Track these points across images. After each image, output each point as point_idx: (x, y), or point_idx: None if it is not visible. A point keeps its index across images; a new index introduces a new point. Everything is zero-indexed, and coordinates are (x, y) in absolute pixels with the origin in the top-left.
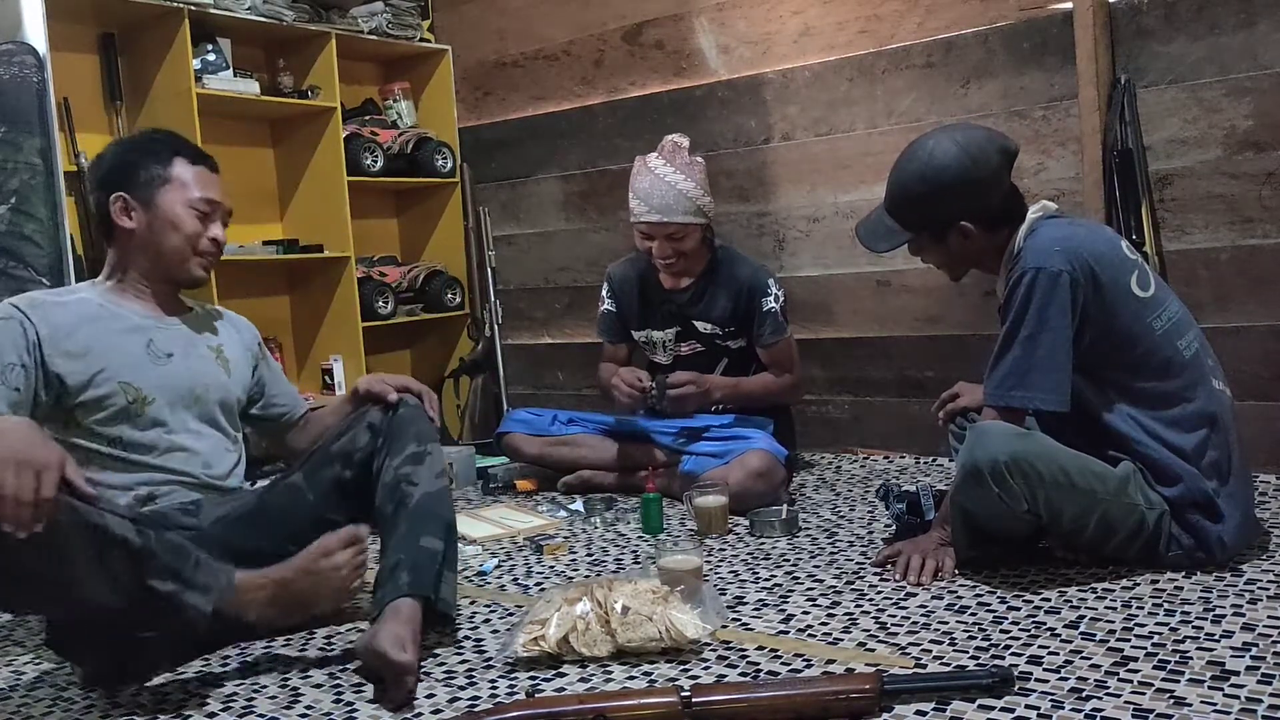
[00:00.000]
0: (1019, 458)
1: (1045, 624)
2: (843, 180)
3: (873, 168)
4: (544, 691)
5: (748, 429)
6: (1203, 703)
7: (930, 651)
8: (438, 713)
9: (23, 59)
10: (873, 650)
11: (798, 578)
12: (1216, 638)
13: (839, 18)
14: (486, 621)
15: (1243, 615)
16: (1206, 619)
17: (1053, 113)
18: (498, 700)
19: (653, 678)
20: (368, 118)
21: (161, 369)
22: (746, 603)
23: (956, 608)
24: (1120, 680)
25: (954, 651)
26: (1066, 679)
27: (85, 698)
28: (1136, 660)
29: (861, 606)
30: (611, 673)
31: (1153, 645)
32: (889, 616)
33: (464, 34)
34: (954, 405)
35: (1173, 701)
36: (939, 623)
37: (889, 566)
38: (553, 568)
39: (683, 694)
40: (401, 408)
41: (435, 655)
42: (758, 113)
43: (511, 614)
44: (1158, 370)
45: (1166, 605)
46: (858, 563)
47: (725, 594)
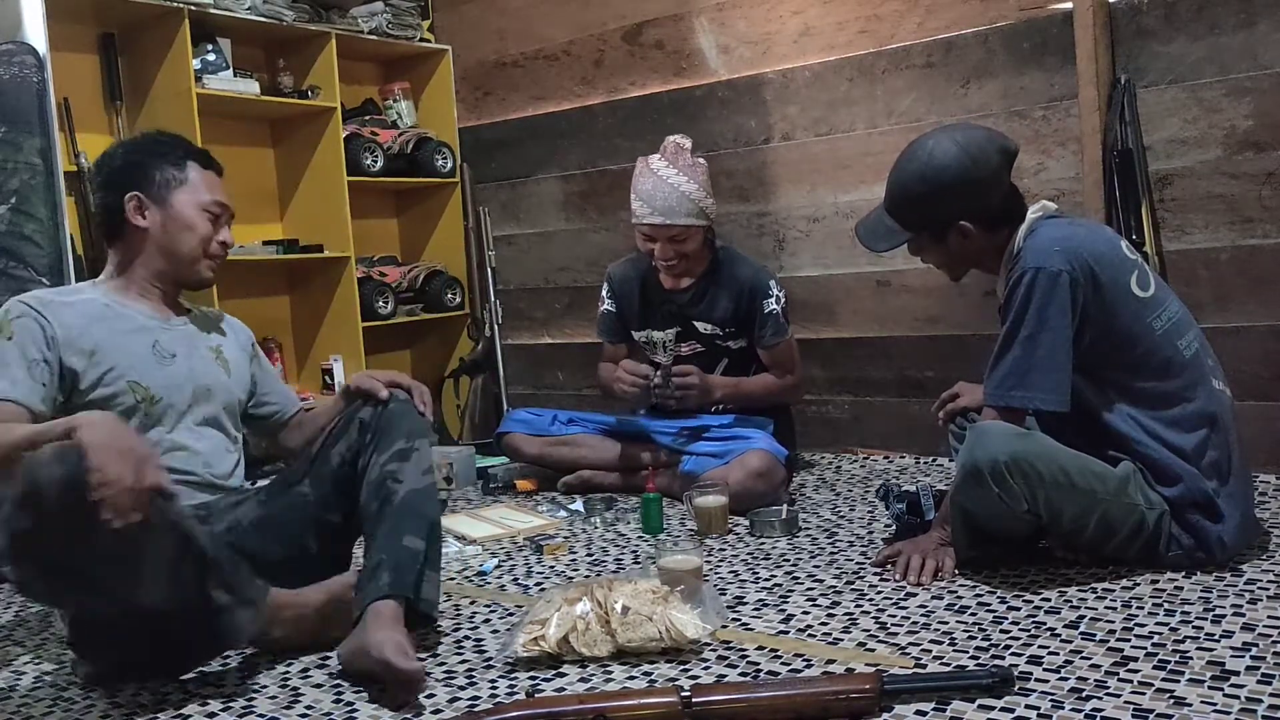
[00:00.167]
0: (1019, 458)
1: (1045, 624)
2: (843, 180)
3: (873, 168)
4: (544, 691)
5: (748, 429)
6: (1203, 703)
7: (930, 651)
8: (438, 713)
9: (23, 59)
10: (873, 650)
11: (798, 578)
12: (1216, 638)
13: (839, 18)
14: (486, 621)
15: (1243, 615)
16: (1206, 619)
17: (1053, 113)
18: (498, 700)
19: (653, 678)
20: (368, 118)
21: (167, 369)
22: (746, 603)
23: (956, 608)
24: (1120, 680)
25: (954, 651)
26: (1066, 679)
27: (85, 697)
28: (1136, 660)
29: (861, 606)
30: (611, 673)
31: (1153, 645)
32: (889, 616)
33: (464, 34)
34: (954, 405)
35: (1173, 701)
36: (939, 623)
37: (889, 566)
38: (553, 568)
39: (683, 694)
40: (392, 403)
41: (435, 655)
42: (758, 113)
43: (511, 614)
44: (1158, 370)
45: (1166, 605)
46: (858, 563)
47: (725, 594)
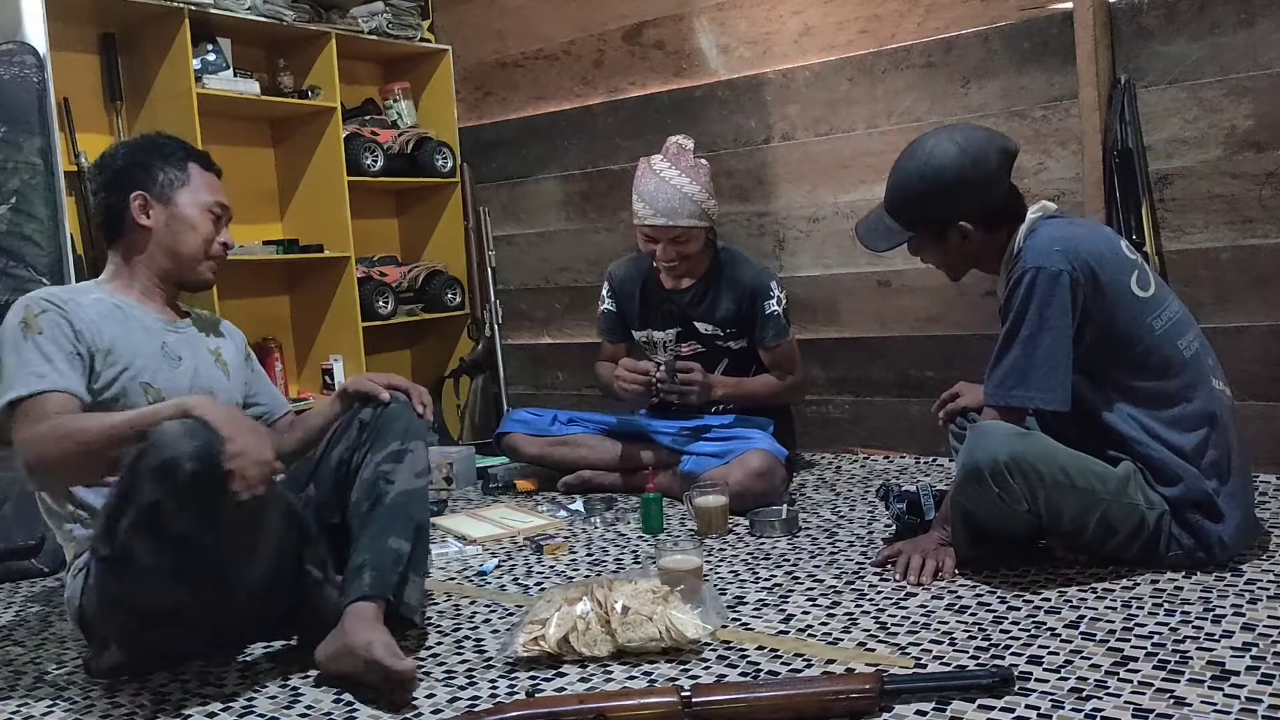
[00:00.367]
0: (1019, 458)
1: (1045, 624)
2: (843, 180)
3: (873, 168)
4: (544, 691)
5: (748, 429)
6: (1203, 703)
7: (930, 651)
8: (438, 713)
9: (23, 59)
10: (873, 650)
11: (798, 578)
12: (1216, 638)
13: (839, 18)
14: (486, 621)
15: (1243, 615)
16: (1206, 619)
17: (1053, 113)
18: (498, 700)
19: (653, 678)
20: (368, 118)
21: (174, 371)
22: (746, 603)
23: (956, 608)
24: (1120, 680)
25: (954, 651)
26: (1066, 679)
27: (85, 697)
28: (1136, 660)
29: (861, 606)
30: (611, 673)
31: (1153, 645)
32: (889, 616)
33: (464, 34)
34: (954, 405)
35: (1173, 701)
36: (939, 623)
37: (889, 566)
38: (553, 568)
39: (683, 694)
40: (392, 404)
41: (435, 655)
42: (758, 113)
43: (511, 614)
44: (1158, 370)
45: (1166, 605)
46: (858, 563)
47: (725, 594)
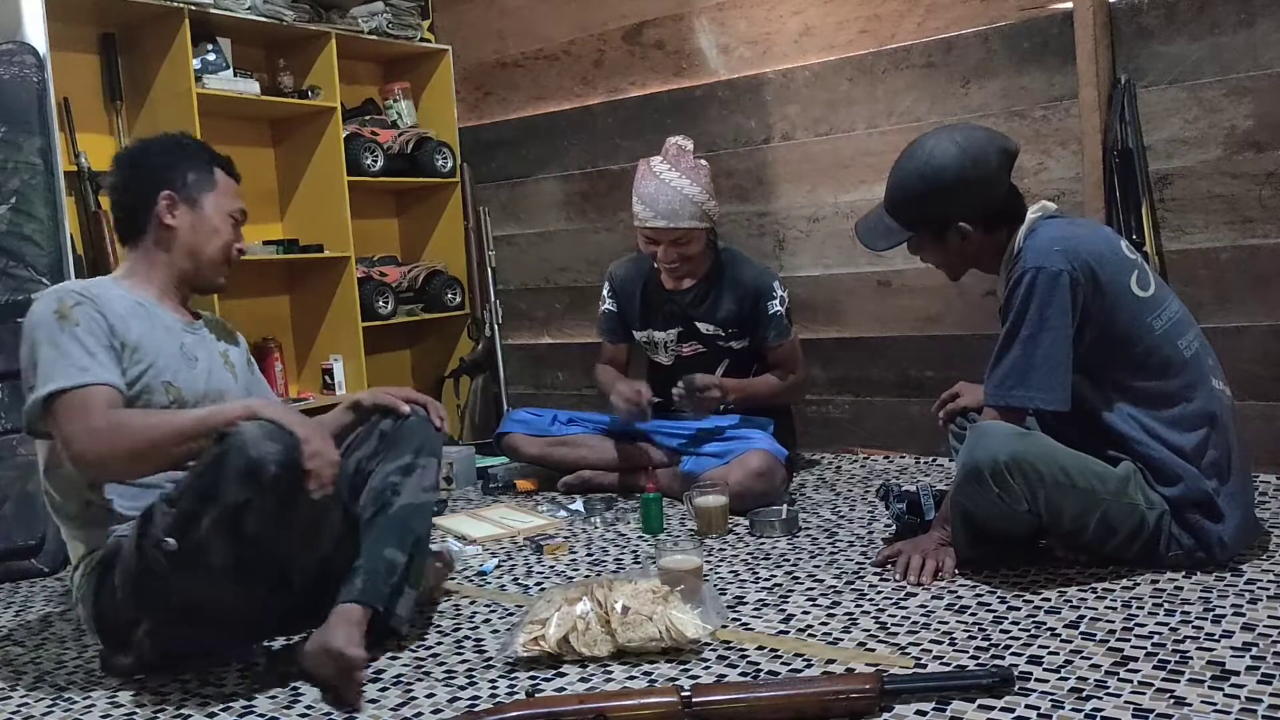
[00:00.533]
0: (1019, 458)
1: (1045, 624)
2: (843, 180)
3: (873, 168)
4: (544, 691)
5: (749, 429)
6: (1203, 703)
7: (930, 651)
8: (438, 713)
9: (23, 59)
10: (873, 650)
11: (798, 578)
12: (1216, 638)
13: (839, 18)
14: (486, 621)
15: (1243, 615)
16: (1206, 619)
17: (1053, 113)
18: (498, 700)
19: (653, 678)
20: (368, 118)
21: (192, 372)
22: (746, 603)
23: (956, 608)
24: (1120, 680)
25: (954, 651)
26: (1066, 679)
27: (85, 697)
28: (1136, 660)
29: (861, 606)
30: (611, 673)
31: (1153, 645)
32: (889, 616)
33: (464, 34)
34: (954, 405)
35: (1173, 701)
36: (939, 623)
37: (889, 566)
38: (553, 568)
39: (683, 694)
40: (411, 418)
41: (435, 655)
42: (758, 113)
43: (511, 614)
44: (1158, 370)
45: (1166, 605)
46: (858, 563)
47: (725, 594)
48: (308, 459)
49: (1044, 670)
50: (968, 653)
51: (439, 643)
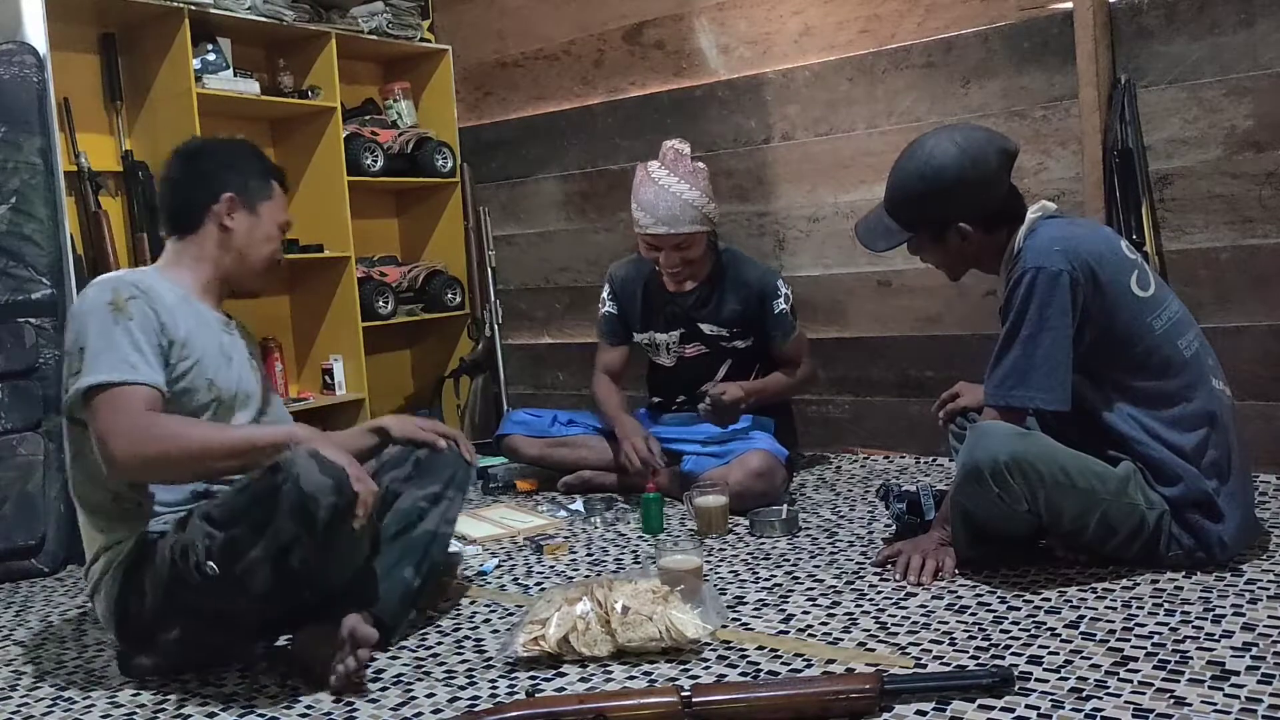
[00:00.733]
0: (1019, 458)
1: (1045, 624)
2: (843, 180)
3: (873, 168)
4: (544, 691)
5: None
6: (1203, 703)
7: (930, 651)
8: (438, 713)
9: (23, 59)
10: (873, 650)
11: (798, 578)
12: (1216, 638)
13: (839, 18)
14: (486, 621)
15: (1243, 615)
16: (1206, 619)
17: (1053, 113)
18: (498, 700)
19: (653, 678)
20: (368, 118)
21: (228, 371)
22: (746, 603)
23: (956, 608)
24: (1120, 680)
25: (954, 651)
26: (1066, 679)
27: (85, 697)
28: (1136, 660)
29: (861, 606)
30: (611, 673)
31: (1153, 645)
32: (889, 616)
33: (464, 34)
34: (954, 405)
35: (1173, 701)
36: (939, 623)
37: (889, 566)
38: (553, 568)
39: (683, 694)
40: (447, 452)
41: (435, 655)
42: (758, 113)
43: (511, 614)
44: (1158, 369)
45: (1166, 605)
46: (858, 563)
47: (725, 594)
48: (357, 492)
49: (1044, 670)
50: (968, 653)
51: (439, 643)
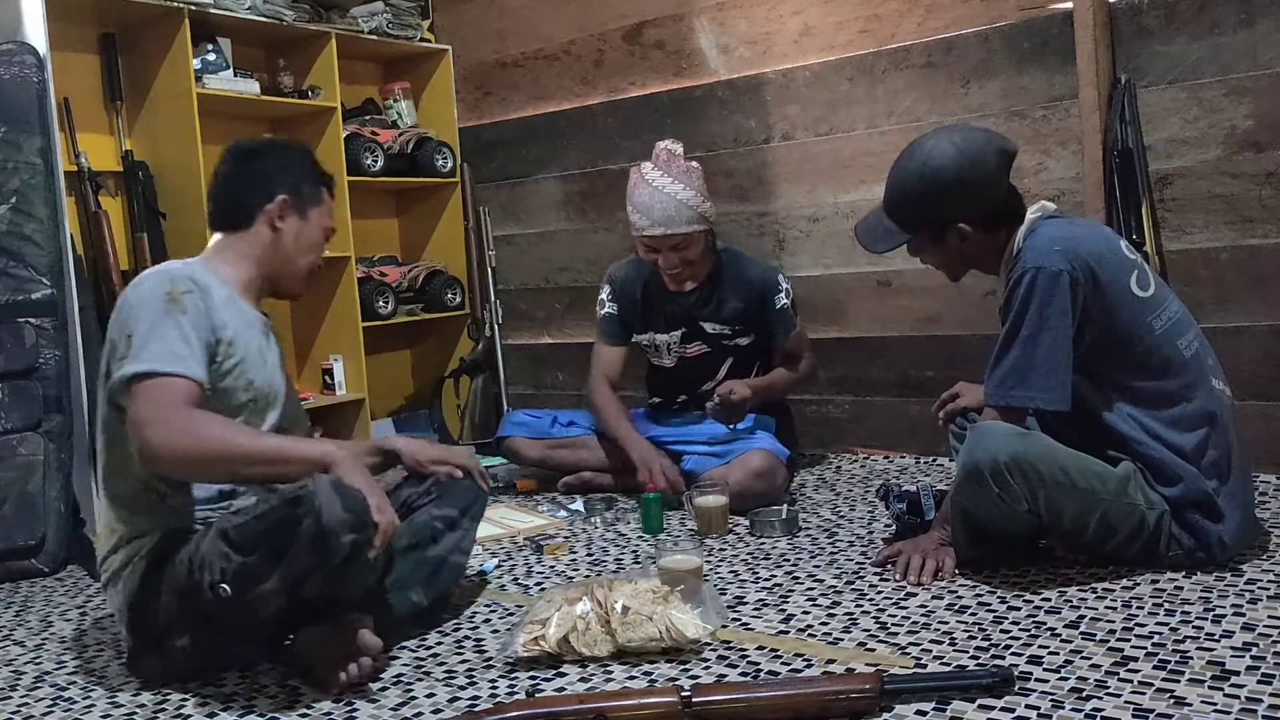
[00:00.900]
0: (1019, 458)
1: (1045, 624)
2: (843, 180)
3: (873, 168)
4: (544, 691)
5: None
6: (1203, 703)
7: (930, 651)
8: (438, 713)
9: (23, 59)
10: (873, 650)
11: (798, 578)
12: (1216, 638)
13: (839, 18)
14: (486, 621)
15: (1243, 615)
16: (1206, 619)
17: (1053, 113)
18: (498, 700)
19: (653, 678)
20: (368, 117)
21: (265, 371)
22: (746, 603)
23: (956, 608)
24: (1120, 680)
25: (954, 651)
26: (1066, 679)
27: (85, 697)
28: (1136, 660)
29: (861, 606)
30: (611, 673)
31: (1153, 645)
32: (889, 616)
33: (464, 34)
34: (954, 405)
35: (1173, 701)
36: (939, 623)
37: (889, 566)
38: (553, 568)
39: (683, 694)
40: (467, 480)
41: (435, 655)
42: (758, 113)
43: (511, 614)
44: (1158, 369)
45: (1166, 605)
46: (858, 563)
47: (725, 594)
48: (376, 524)
49: (1044, 670)
50: (968, 653)
51: (439, 643)
